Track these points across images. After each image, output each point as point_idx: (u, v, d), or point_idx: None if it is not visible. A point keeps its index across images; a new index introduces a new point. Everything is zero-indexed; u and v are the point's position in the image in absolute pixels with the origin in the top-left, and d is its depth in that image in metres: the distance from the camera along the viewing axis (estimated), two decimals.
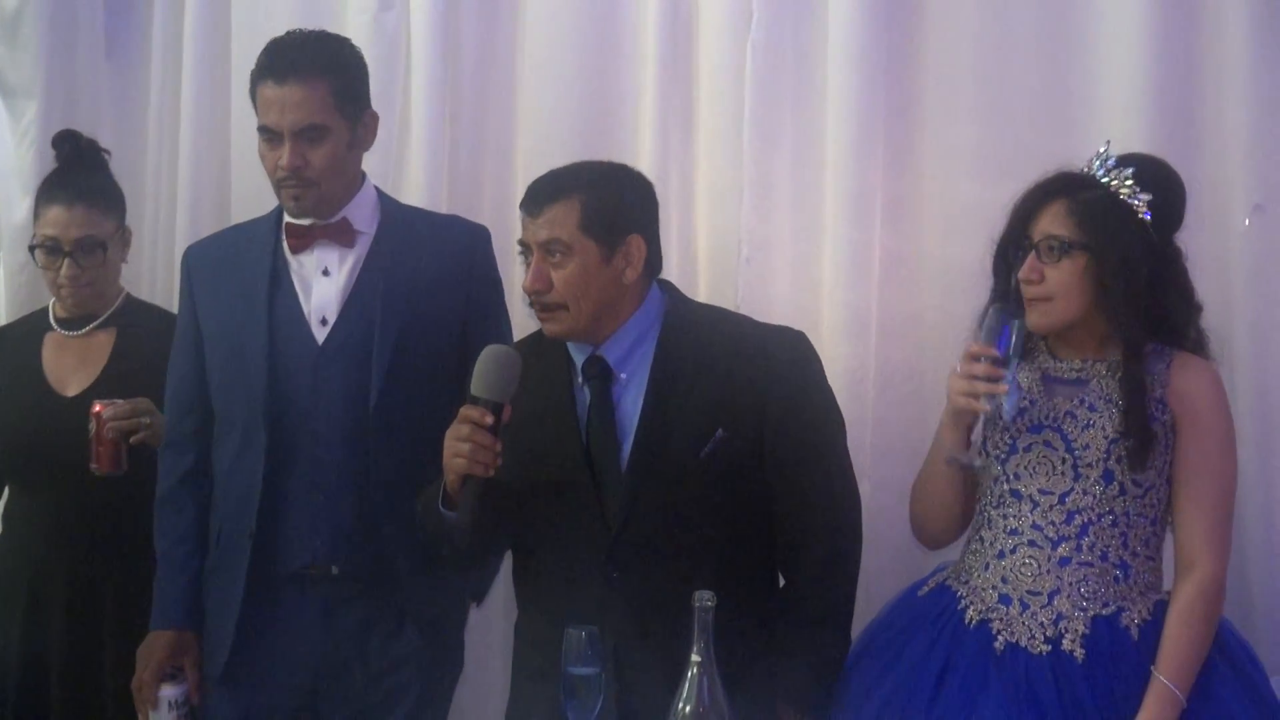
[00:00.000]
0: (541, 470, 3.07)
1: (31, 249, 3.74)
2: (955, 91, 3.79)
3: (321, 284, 3.40)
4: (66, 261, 3.67)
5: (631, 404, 3.06)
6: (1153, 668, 2.87)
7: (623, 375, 3.07)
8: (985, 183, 3.57)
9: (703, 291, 3.89)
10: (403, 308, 3.36)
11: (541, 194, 3.04)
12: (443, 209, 3.97)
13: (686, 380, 3.04)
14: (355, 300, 3.38)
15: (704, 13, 3.97)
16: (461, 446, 2.88)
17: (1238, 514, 3.11)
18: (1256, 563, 3.53)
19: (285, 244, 3.42)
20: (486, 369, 2.91)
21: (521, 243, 3.07)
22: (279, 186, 3.35)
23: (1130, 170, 2.98)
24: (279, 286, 3.39)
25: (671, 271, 3.75)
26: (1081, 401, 2.97)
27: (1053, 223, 2.97)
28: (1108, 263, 2.93)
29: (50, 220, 3.68)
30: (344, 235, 3.39)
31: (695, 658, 2.59)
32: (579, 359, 3.09)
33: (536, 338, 3.18)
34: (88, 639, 3.68)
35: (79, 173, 3.77)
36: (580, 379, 3.09)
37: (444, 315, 3.41)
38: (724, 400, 3.03)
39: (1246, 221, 3.55)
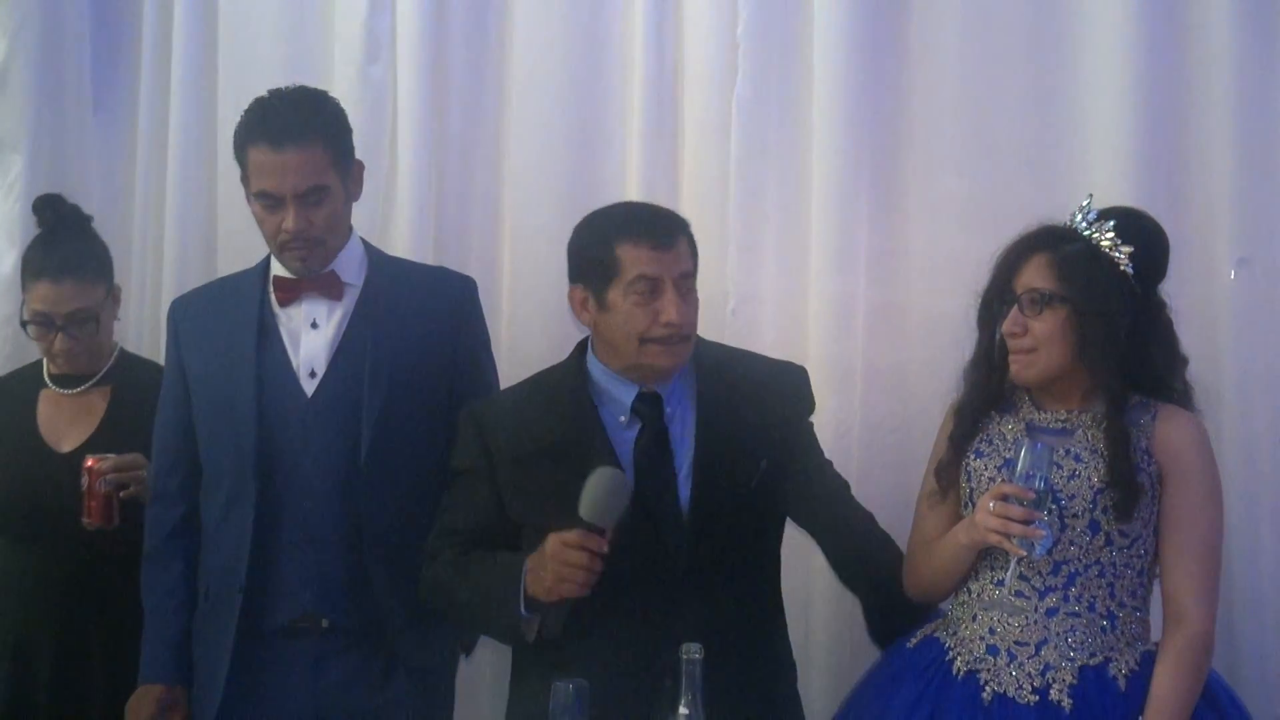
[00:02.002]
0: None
1: (24, 324, 3.72)
2: (940, 144, 3.81)
3: (310, 336, 3.39)
4: (60, 335, 3.67)
5: (678, 441, 3.09)
6: (1140, 719, 2.88)
7: (668, 409, 3.10)
8: (970, 235, 3.58)
9: None
10: (391, 360, 3.35)
11: (672, 226, 3.11)
12: (429, 261, 3.97)
13: (730, 413, 3.10)
14: (344, 353, 3.37)
15: (689, 68, 3.99)
16: (577, 574, 2.85)
17: (1224, 566, 3.12)
18: (1243, 614, 3.54)
19: (273, 297, 3.41)
20: (599, 494, 2.85)
21: (647, 277, 3.02)
22: (281, 249, 3.33)
23: (1112, 223, 3.00)
24: (267, 339, 3.38)
25: None
26: (1067, 452, 2.97)
27: (1035, 276, 2.99)
28: (1089, 314, 2.94)
29: (40, 296, 3.65)
30: (332, 287, 3.39)
31: (683, 710, 2.58)
32: (626, 398, 3.10)
33: (533, 384, 3.21)
34: (76, 693, 3.65)
35: (62, 241, 3.72)
36: (625, 417, 3.09)
37: (432, 367, 3.40)
38: (762, 431, 3.11)
39: (1232, 275, 3.57)
